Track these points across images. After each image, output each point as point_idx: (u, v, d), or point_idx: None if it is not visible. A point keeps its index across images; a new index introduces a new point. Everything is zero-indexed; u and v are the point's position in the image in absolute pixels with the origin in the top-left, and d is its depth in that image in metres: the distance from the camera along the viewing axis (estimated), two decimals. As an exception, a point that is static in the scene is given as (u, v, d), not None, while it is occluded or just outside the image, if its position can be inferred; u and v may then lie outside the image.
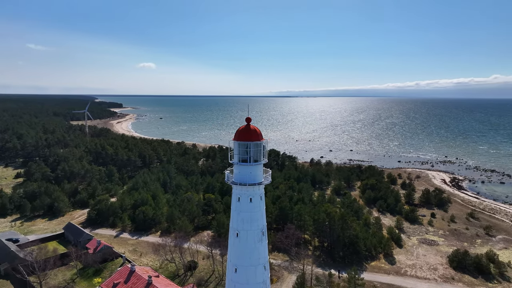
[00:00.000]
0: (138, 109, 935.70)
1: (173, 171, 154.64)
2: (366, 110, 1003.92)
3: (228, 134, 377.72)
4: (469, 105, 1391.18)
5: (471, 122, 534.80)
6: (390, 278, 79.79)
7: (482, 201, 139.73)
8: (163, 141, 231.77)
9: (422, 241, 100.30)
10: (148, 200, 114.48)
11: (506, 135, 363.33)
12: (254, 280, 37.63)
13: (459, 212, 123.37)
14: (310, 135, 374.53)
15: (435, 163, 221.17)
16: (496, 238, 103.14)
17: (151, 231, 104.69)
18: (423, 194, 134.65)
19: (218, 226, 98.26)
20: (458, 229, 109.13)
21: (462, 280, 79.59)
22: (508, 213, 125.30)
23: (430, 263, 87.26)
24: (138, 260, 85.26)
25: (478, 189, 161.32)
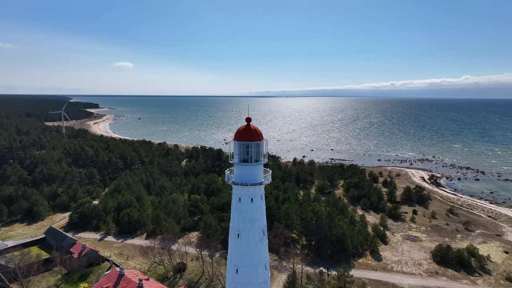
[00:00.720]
0: (115, 109, 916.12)
1: (156, 172, 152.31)
2: (344, 110, 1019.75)
3: (208, 135, 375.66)
4: (442, 105, 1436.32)
5: (445, 122, 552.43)
6: (377, 275, 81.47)
7: (460, 197, 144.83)
8: (144, 142, 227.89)
9: (406, 237, 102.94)
10: (133, 202, 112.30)
11: (478, 134, 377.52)
12: (256, 280, 37.61)
13: (439, 208, 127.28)
14: (291, 135, 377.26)
15: (414, 161, 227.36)
16: (475, 232, 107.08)
17: (136, 234, 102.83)
18: (405, 192, 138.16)
19: (206, 227, 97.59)
20: (439, 225, 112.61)
21: (446, 274, 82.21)
22: (485, 209, 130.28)
23: (414, 258, 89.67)
24: (125, 264, 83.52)
25: (455, 186, 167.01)
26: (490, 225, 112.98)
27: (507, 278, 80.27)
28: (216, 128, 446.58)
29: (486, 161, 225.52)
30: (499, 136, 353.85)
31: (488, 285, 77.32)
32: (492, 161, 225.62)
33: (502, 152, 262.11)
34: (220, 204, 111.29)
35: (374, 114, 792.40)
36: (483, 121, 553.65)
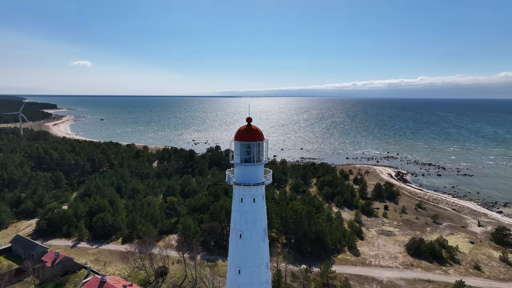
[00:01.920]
0: (75, 110, 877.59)
1: (128, 175, 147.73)
2: (309, 110, 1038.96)
3: (176, 136, 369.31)
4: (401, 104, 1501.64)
5: (405, 120, 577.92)
6: (357, 269, 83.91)
7: (426, 192, 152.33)
8: (111, 143, 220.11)
9: (380, 232, 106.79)
10: (106, 206, 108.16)
11: (436, 132, 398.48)
12: (258, 280, 37.62)
13: (408, 203, 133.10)
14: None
15: (380, 158, 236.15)
16: (443, 225, 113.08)
17: (111, 239, 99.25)
18: (375, 188, 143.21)
19: (184, 229, 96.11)
20: (409, 219, 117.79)
21: (420, 265, 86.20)
22: (449, 202, 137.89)
23: (390, 252, 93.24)
24: (103, 270, 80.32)
25: (420, 182, 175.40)
26: (455, 218, 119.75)
27: (475, 267, 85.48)
28: (183, 129, 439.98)
29: (446, 158, 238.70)
30: (455, 134, 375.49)
31: (459, 274, 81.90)
32: (451, 158, 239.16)
33: (459, 149, 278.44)
34: (198, 206, 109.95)
35: (338, 113, 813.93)
36: (440, 120, 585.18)
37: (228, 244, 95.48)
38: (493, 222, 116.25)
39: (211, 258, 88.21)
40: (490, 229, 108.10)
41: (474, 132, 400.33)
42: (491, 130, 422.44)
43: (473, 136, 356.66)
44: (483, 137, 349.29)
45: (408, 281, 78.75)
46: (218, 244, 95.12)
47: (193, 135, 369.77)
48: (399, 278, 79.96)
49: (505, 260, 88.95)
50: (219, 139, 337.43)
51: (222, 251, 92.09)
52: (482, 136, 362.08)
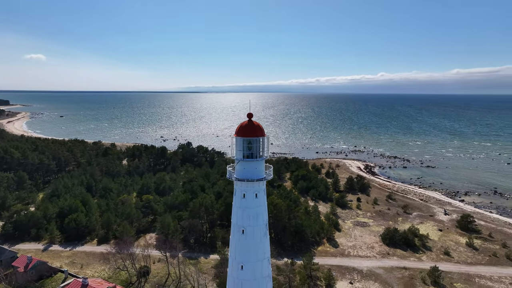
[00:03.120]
0: (30, 106, 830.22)
1: (98, 173, 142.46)
2: (275, 105, 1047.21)
3: (143, 132, 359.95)
4: (363, 99, 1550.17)
5: (369, 115, 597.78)
6: (338, 260, 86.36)
7: (394, 184, 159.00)
8: (77, 141, 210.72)
9: (356, 223, 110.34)
10: (78, 207, 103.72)
11: (398, 126, 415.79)
12: (261, 274, 37.82)
13: (379, 195, 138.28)
14: (229, 131, 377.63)
15: (348, 152, 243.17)
16: (413, 215, 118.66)
17: (86, 240, 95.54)
18: (347, 181, 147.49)
19: (163, 227, 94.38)
20: (381, 210, 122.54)
21: (396, 254, 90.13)
22: (416, 193, 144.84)
23: (367, 242, 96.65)
24: (81, 273, 77.22)
25: (388, 174, 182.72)
26: (423, 207, 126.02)
27: (445, 253, 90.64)
28: (149, 125, 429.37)
29: (410, 151, 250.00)
30: (416, 128, 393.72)
31: (431, 260, 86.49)
32: (414, 151, 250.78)
33: (421, 142, 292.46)
34: (175, 203, 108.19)
35: (303, 109, 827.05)
36: (401, 115, 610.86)
37: (209, 240, 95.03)
38: (457, 210, 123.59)
39: (192, 256, 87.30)
40: (455, 217, 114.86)
41: (433, 126, 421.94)
42: (448, 124, 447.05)
43: (433, 130, 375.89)
44: (441, 131, 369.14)
45: (386, 269, 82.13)
46: (199, 241, 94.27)
47: (161, 132, 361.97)
48: (378, 267, 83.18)
49: (471, 245, 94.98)
50: (188, 135, 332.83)
51: (203, 248, 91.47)
52: (441, 129, 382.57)
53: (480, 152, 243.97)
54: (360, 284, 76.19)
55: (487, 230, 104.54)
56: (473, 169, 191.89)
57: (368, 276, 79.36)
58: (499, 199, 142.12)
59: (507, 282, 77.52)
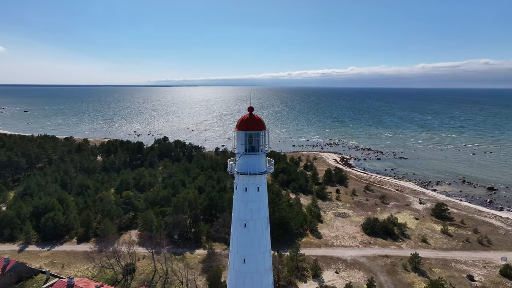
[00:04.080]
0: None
1: (72, 170, 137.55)
2: (248, 99, 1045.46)
3: (115, 127, 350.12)
4: (334, 93, 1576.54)
5: (341, 109, 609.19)
6: (322, 251, 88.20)
7: (370, 175, 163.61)
8: (47, 137, 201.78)
9: (337, 214, 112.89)
10: (55, 205, 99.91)
11: (370, 119, 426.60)
12: (263, 267, 38.14)
13: (356, 186, 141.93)
14: (204, 125, 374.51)
15: (324, 145, 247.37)
16: (390, 205, 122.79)
17: (64, 239, 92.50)
18: (326, 174, 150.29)
19: (146, 224, 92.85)
20: (360, 201, 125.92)
21: (377, 243, 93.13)
22: (392, 183, 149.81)
23: (348, 232, 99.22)
24: (62, 273, 74.74)
25: (363, 166, 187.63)
26: (399, 197, 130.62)
27: (423, 240, 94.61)
28: (121, 120, 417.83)
29: (382, 143, 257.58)
30: (387, 121, 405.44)
31: (410, 248, 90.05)
32: (386, 143, 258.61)
33: (392, 134, 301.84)
34: (157, 199, 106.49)
35: (277, 103, 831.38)
36: (371, 108, 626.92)
37: (193, 235, 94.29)
38: (431, 199, 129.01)
39: (177, 251, 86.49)
40: (430, 206, 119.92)
41: (403, 119, 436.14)
42: (417, 117, 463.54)
43: (403, 123, 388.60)
44: (411, 123, 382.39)
45: (369, 258, 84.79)
46: (183, 237, 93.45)
47: (134, 127, 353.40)
48: (361, 256, 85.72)
49: (446, 232, 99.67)
50: (163, 130, 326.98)
51: (188, 244, 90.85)
52: (411, 122, 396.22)
53: (448, 144, 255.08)
54: (346, 273, 78.30)
55: (459, 217, 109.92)
56: (442, 160, 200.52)
57: (353, 265, 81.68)
58: (467, 187, 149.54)
59: (480, 265, 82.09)
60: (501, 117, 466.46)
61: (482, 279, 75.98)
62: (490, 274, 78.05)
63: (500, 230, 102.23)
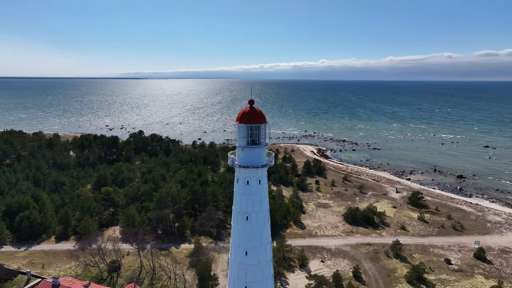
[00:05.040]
0: None
1: (45, 167, 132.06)
2: (220, 92, 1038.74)
3: (85, 121, 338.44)
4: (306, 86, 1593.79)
5: (314, 101, 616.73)
6: (307, 241, 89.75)
7: (347, 166, 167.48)
8: (14, 132, 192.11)
9: (318, 205, 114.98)
10: (29, 203, 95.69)
11: (343, 111, 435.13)
12: (265, 258, 38.41)
13: (335, 177, 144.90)
14: (177, 118, 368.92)
15: (300, 137, 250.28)
16: (368, 194, 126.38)
17: (41, 238, 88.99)
18: (305, 165, 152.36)
19: (128, 219, 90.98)
20: (339, 191, 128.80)
21: (359, 231, 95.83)
22: (368, 174, 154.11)
23: (331, 222, 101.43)
24: (43, 273, 72.01)
25: (340, 157, 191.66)
26: (376, 187, 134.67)
27: (401, 227, 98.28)
28: (91, 114, 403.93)
29: (356, 134, 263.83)
30: (360, 113, 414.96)
31: (390, 235, 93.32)
32: (360, 134, 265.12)
33: (365, 126, 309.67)
34: (138, 194, 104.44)
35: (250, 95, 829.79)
36: (344, 100, 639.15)
37: (177, 230, 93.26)
38: (406, 188, 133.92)
39: (162, 247, 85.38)
40: (406, 194, 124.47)
41: (375, 111, 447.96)
42: (387, 108, 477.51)
43: (375, 115, 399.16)
44: (383, 115, 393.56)
45: (352, 246, 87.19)
46: (167, 232, 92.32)
47: (105, 121, 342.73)
48: (344, 245, 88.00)
49: (422, 219, 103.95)
50: (136, 123, 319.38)
51: (173, 238, 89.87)
52: (382, 114, 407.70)
53: (418, 134, 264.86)
54: (331, 261, 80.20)
55: (433, 205, 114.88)
56: (414, 150, 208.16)
57: (337, 253, 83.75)
58: (439, 176, 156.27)
59: (456, 249, 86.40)
60: (465, 108, 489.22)
61: (458, 262, 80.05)
62: (465, 257, 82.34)
63: (471, 216, 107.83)
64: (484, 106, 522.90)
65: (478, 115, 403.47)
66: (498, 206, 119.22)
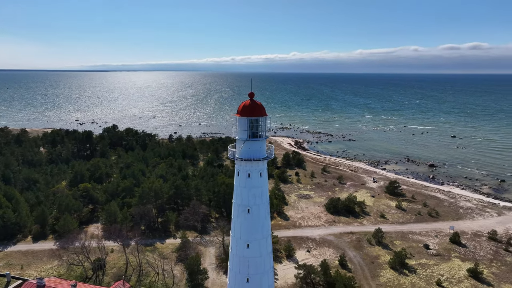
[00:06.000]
0: None
1: (15, 164, 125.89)
2: (192, 84, 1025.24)
3: (53, 116, 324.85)
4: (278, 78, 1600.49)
5: (288, 94, 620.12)
6: (292, 232, 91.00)
7: (325, 157, 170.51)
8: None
9: (300, 196, 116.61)
10: (2, 202, 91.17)
11: (316, 104, 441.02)
12: (266, 250, 38.72)
13: (314, 168, 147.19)
14: (150, 112, 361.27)
15: (276, 130, 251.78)
16: (347, 184, 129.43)
17: (17, 238, 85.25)
18: (284, 157, 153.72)
19: (109, 216, 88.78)
20: (319, 182, 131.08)
21: (341, 221, 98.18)
22: (346, 165, 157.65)
23: (313, 213, 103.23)
24: (24, 274, 69.00)
25: (316, 148, 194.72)
26: (354, 177, 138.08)
27: (381, 216, 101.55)
28: (59, 108, 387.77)
29: (331, 126, 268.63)
30: (334, 106, 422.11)
31: (371, 224, 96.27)
32: (335, 126, 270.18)
33: (339, 118, 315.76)
34: (118, 190, 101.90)
35: (223, 88, 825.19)
36: (317, 93, 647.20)
37: (161, 225, 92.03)
38: (383, 177, 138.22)
39: (147, 242, 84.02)
40: (383, 184, 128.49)
41: (348, 103, 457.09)
42: (360, 101, 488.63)
43: (348, 107, 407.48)
44: (355, 107, 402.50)
45: (336, 235, 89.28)
46: (150, 227, 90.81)
47: (75, 115, 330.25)
48: (328, 234, 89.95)
49: (400, 207, 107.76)
50: (108, 117, 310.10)
51: (157, 234, 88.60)
52: (355, 106, 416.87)
53: (389, 126, 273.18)
54: (317, 251, 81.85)
55: (409, 193, 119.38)
56: (387, 141, 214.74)
57: (322, 243, 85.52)
58: (412, 165, 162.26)
59: (433, 235, 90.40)
60: (432, 100, 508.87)
61: (436, 247, 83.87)
62: (442, 242, 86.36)
63: (445, 203, 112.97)
64: (449, 98, 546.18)
65: (444, 106, 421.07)
66: (468, 192, 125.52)
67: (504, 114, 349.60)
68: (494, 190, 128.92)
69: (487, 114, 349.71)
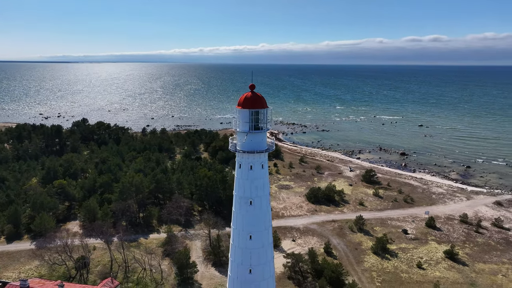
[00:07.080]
0: None
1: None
2: (161, 76, 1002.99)
3: (14, 110, 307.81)
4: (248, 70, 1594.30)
5: (260, 85, 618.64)
6: (276, 222, 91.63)
7: (301, 148, 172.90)
8: None
9: (280, 187, 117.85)
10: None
11: (289, 95, 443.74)
12: (268, 241, 39.02)
13: (292, 159, 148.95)
14: (119, 105, 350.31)
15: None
16: (325, 174, 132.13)
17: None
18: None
19: (88, 213, 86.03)
20: (298, 172, 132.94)
21: (322, 210, 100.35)
22: (322, 155, 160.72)
23: (295, 203, 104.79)
24: (2, 277, 65.76)
25: (292, 139, 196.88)
26: (331, 167, 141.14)
27: (360, 204, 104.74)
28: (18, 102, 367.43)
29: (304, 117, 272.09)
30: (305, 97, 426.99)
31: (351, 211, 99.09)
32: (308, 117, 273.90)
33: (311, 109, 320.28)
34: (96, 186, 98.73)
35: (193, 80, 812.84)
36: (288, 84, 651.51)
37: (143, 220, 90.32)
38: (359, 166, 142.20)
39: (130, 238, 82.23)
40: (359, 172, 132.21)
41: (319, 94, 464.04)
42: (330, 92, 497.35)
43: (319, 98, 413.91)
44: (326, 98, 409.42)
45: (318, 224, 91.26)
46: (132, 223, 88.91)
47: (37, 109, 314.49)
48: (311, 223, 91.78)
49: (377, 195, 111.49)
50: (74, 111, 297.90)
51: (140, 229, 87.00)
52: (326, 97, 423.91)
53: (360, 116, 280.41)
54: (302, 240, 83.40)
55: (385, 181, 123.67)
56: (359, 131, 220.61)
57: (306, 232, 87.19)
58: (384, 154, 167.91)
59: (410, 220, 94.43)
60: (399, 91, 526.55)
61: (414, 232, 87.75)
62: (419, 227, 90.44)
63: (418, 189, 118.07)
64: (414, 88, 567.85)
65: (410, 96, 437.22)
66: (438, 179, 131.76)
67: (466, 104, 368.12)
68: (461, 176, 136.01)
69: (450, 104, 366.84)
